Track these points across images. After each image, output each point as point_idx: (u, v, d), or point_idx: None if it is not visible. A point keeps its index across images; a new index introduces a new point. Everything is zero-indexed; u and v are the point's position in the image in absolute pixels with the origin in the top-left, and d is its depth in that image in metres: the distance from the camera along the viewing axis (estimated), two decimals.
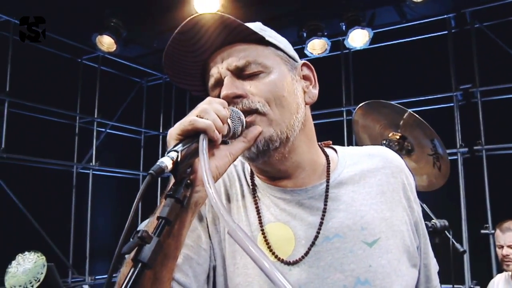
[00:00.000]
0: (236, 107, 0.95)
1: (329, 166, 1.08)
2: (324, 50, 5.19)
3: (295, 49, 1.12)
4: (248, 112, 0.96)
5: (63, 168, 5.73)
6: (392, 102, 2.61)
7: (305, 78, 1.10)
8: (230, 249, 1.02)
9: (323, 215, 1.00)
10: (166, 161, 0.74)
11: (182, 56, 1.02)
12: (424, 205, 2.13)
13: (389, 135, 2.65)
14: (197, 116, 0.83)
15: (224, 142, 0.92)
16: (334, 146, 1.18)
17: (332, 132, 5.50)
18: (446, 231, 1.98)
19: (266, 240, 1.00)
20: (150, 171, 0.71)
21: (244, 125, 0.94)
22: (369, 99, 2.68)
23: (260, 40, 1.01)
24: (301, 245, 0.98)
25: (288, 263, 0.97)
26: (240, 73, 1.00)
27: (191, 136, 0.81)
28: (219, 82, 1.01)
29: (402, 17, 5.27)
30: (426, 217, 2.13)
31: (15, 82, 5.09)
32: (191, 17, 0.95)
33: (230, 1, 4.60)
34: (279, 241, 1.00)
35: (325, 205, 1.02)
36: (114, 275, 0.70)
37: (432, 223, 2.01)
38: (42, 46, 5.45)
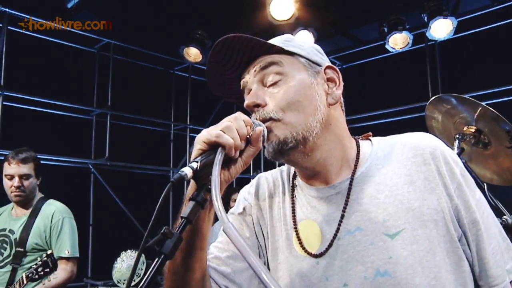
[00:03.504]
0: (255, 115, 1.07)
1: (357, 161, 1.12)
2: (407, 44, 5.03)
3: (376, 46, 1.17)
4: (264, 120, 1.06)
5: (160, 173, 6.21)
6: (466, 96, 2.50)
7: (329, 80, 1.15)
8: (272, 246, 1.14)
9: (344, 209, 1.06)
10: (187, 170, 0.86)
11: (220, 74, 1.17)
12: (497, 201, 2.04)
13: (464, 129, 2.56)
14: (222, 130, 0.93)
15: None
16: (372, 138, 1.21)
17: (418, 126, 5.31)
18: None
19: (298, 238, 1.09)
20: (172, 179, 0.84)
21: (266, 135, 1.04)
22: (458, 91, 2.58)
23: (283, 51, 1.11)
24: (326, 240, 1.05)
25: (315, 256, 1.05)
26: (264, 79, 1.11)
27: (213, 146, 0.93)
28: (248, 90, 1.14)
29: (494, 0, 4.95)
30: (498, 212, 2.04)
31: (115, 97, 5.66)
32: (218, 41, 1.08)
33: (304, 4, 4.65)
34: (309, 237, 1.08)
35: (347, 199, 1.06)
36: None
37: (503, 219, 1.92)
38: (138, 61, 5.98)
